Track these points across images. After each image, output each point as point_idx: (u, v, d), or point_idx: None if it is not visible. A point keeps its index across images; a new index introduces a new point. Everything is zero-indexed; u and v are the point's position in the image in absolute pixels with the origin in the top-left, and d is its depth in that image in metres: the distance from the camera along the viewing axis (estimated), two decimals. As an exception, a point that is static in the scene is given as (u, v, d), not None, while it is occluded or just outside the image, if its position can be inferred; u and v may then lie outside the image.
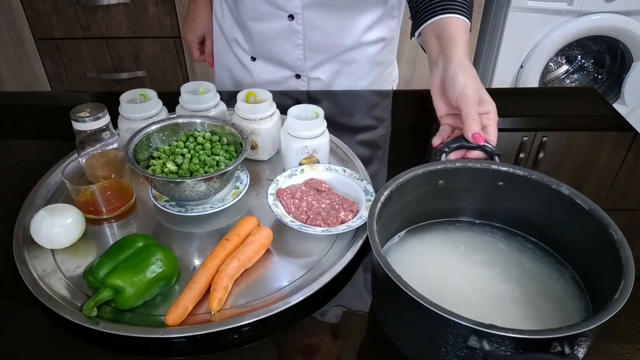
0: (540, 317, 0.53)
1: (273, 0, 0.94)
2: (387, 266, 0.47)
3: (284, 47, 1.00)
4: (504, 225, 0.64)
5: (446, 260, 0.61)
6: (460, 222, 0.65)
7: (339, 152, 0.85)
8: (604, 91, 2.20)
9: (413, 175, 0.59)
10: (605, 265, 0.52)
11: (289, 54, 1.01)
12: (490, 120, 0.67)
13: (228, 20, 1.06)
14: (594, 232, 0.53)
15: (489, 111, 0.67)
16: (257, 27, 1.00)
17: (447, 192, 0.63)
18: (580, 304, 0.54)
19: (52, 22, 1.91)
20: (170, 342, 0.56)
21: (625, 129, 0.96)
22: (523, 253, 0.61)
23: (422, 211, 0.64)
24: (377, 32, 1.01)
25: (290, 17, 0.95)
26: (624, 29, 1.93)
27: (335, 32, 0.98)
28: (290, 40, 0.99)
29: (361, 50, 1.02)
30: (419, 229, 0.64)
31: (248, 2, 0.97)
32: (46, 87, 2.07)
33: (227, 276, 0.60)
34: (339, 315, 0.60)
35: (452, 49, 0.70)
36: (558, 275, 0.58)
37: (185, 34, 1.17)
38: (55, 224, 0.64)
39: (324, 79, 1.05)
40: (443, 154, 0.64)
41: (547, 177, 0.59)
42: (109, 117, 0.76)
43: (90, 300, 0.56)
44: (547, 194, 0.58)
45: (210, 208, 0.72)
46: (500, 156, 0.63)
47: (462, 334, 0.43)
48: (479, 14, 1.92)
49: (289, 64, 1.04)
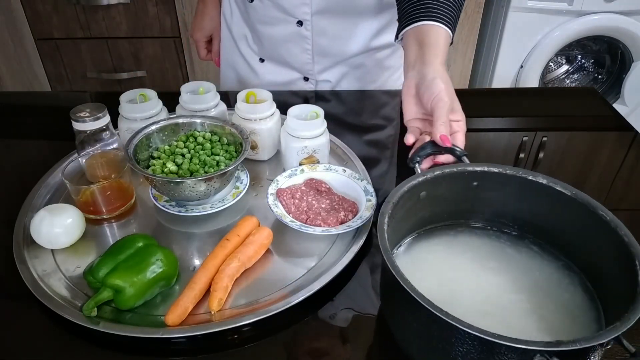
0: (551, 321, 0.53)
1: (282, 7, 0.94)
2: (404, 279, 0.46)
3: (293, 51, 1.01)
4: (511, 230, 0.64)
5: (454, 265, 0.60)
6: (469, 226, 0.65)
7: (339, 152, 0.85)
8: (604, 91, 2.20)
9: (412, 185, 0.58)
10: (615, 268, 0.51)
11: (297, 58, 1.02)
12: (460, 127, 0.69)
13: (237, 20, 1.06)
14: (603, 235, 0.53)
15: (459, 120, 0.70)
16: (266, 31, 1.01)
17: (453, 196, 0.62)
18: (590, 309, 0.54)
19: (52, 22, 1.91)
20: (170, 342, 0.56)
21: (625, 129, 0.96)
22: (531, 257, 0.60)
23: (428, 216, 0.63)
24: (386, 37, 1.02)
25: (299, 23, 0.96)
26: (624, 29, 1.93)
27: (343, 38, 0.99)
28: (299, 45, 1.00)
29: (370, 55, 1.03)
30: (424, 233, 0.64)
31: (258, 7, 0.97)
32: (46, 87, 2.07)
33: (227, 276, 0.60)
34: (339, 316, 0.60)
35: (432, 55, 0.71)
36: (565, 277, 0.58)
37: (193, 32, 1.17)
38: (55, 224, 0.64)
39: (332, 81, 1.06)
40: (416, 164, 0.64)
41: (552, 178, 0.58)
42: (109, 117, 0.76)
43: (90, 300, 0.56)
44: (551, 196, 0.58)
45: (210, 208, 0.72)
46: (467, 156, 0.64)
47: (481, 348, 0.43)
48: (478, 14, 1.93)
49: (297, 67, 1.04)
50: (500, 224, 0.64)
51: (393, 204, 0.55)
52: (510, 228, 0.63)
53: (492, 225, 0.64)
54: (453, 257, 0.61)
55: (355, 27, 0.98)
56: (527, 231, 0.63)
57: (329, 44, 0.99)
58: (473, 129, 1.00)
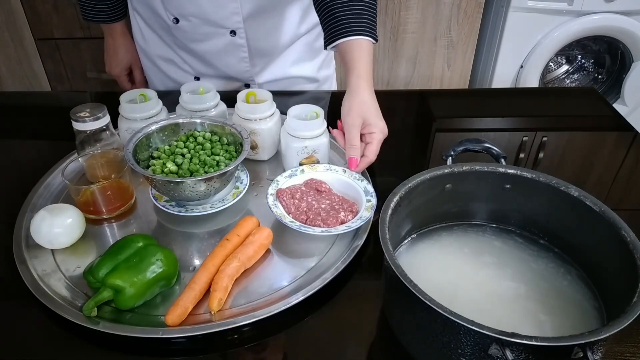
0: (553, 321, 0.53)
1: (213, 21, 0.93)
2: (404, 275, 0.47)
3: (230, 61, 1.00)
4: (513, 228, 0.64)
5: (456, 263, 0.60)
6: (469, 225, 0.65)
7: (339, 152, 0.85)
8: (604, 91, 2.20)
9: (421, 180, 0.59)
10: (617, 267, 0.52)
11: (235, 67, 1.01)
12: (373, 139, 0.74)
13: (156, 46, 1.04)
14: (605, 234, 0.53)
15: (373, 132, 0.74)
16: (199, 48, 0.99)
17: (455, 196, 0.63)
18: (593, 307, 0.54)
19: (52, 22, 1.91)
20: (170, 342, 0.56)
21: (625, 129, 0.96)
22: (533, 256, 0.61)
23: (431, 215, 0.64)
24: (310, 20, 1.02)
25: (232, 32, 0.95)
26: (624, 29, 1.93)
27: (275, 34, 0.99)
28: (235, 55, 0.99)
29: (300, 41, 1.04)
30: (427, 232, 0.64)
31: (186, 27, 0.95)
32: (46, 87, 2.07)
33: (227, 276, 0.60)
34: (339, 316, 0.60)
35: (349, 75, 0.77)
36: (569, 277, 0.58)
37: (110, 69, 1.13)
38: (55, 224, 0.64)
39: (271, 80, 1.05)
40: (449, 157, 0.65)
41: (556, 178, 0.58)
42: (109, 117, 0.76)
43: (90, 300, 0.56)
44: (556, 196, 0.58)
45: (210, 208, 0.72)
46: (506, 158, 0.65)
47: (483, 342, 0.43)
48: (479, 14, 1.92)
49: (237, 76, 1.03)
50: (498, 223, 0.64)
51: (410, 188, 0.57)
52: (514, 228, 0.64)
53: (490, 223, 0.64)
54: (453, 257, 0.61)
55: (282, 19, 0.97)
56: (527, 230, 0.63)
57: (263, 44, 0.99)
58: (473, 129, 1.00)
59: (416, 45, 1.97)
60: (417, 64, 2.02)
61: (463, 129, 1.01)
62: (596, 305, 0.54)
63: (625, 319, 0.43)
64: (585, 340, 0.41)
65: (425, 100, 1.07)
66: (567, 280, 0.58)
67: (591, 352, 0.42)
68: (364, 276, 0.65)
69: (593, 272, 0.57)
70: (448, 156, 0.65)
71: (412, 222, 0.62)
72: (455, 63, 2.04)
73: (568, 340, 0.41)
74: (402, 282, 0.46)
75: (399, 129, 0.98)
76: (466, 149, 0.66)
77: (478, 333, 0.42)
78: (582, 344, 0.42)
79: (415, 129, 1.00)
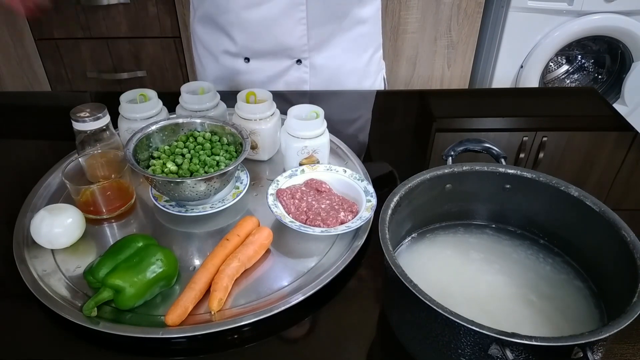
0: (553, 321, 0.53)
1: None
2: (404, 275, 0.46)
3: (286, 26, 0.97)
4: (513, 228, 0.64)
5: (456, 263, 0.60)
6: (469, 225, 0.65)
7: (339, 152, 0.85)
8: (604, 91, 2.20)
9: (421, 180, 0.59)
10: (617, 267, 0.52)
11: (291, 34, 0.98)
12: None
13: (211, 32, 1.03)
14: (605, 234, 0.53)
15: None
16: (254, 15, 0.96)
17: (455, 196, 0.63)
18: (593, 307, 0.54)
19: (52, 22, 1.91)
20: (170, 342, 0.56)
21: (625, 129, 0.96)
22: (533, 256, 0.61)
23: (431, 215, 0.64)
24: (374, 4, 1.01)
25: None
26: (624, 29, 1.93)
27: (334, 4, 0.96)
28: (292, 16, 0.95)
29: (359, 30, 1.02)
30: (427, 232, 0.64)
31: None
32: (46, 87, 2.07)
33: (227, 276, 0.60)
34: (339, 316, 0.60)
35: None
36: (569, 277, 0.58)
37: None
38: (55, 224, 0.64)
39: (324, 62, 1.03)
40: (449, 157, 0.64)
41: (556, 178, 0.58)
42: (109, 117, 0.76)
43: (90, 300, 0.56)
44: (556, 196, 0.58)
45: (210, 208, 0.72)
46: (506, 158, 0.65)
47: (483, 342, 0.43)
48: (478, 14, 1.92)
49: (290, 46, 1.00)
50: (498, 223, 0.64)
51: (410, 188, 0.56)
52: (514, 227, 0.64)
53: (490, 223, 0.64)
54: (453, 257, 0.61)
55: None
56: (527, 230, 0.63)
57: (322, 6, 0.96)
58: (473, 129, 1.00)
59: (416, 45, 1.97)
60: (417, 64, 2.02)
61: (463, 129, 1.01)
62: (596, 305, 0.54)
63: (625, 319, 0.43)
64: (585, 340, 0.41)
65: (425, 100, 1.07)
66: (567, 280, 0.58)
67: (591, 352, 0.42)
68: (364, 276, 0.65)
69: (593, 272, 0.57)
70: (448, 156, 0.65)
71: (412, 222, 0.62)
72: (455, 63, 2.04)
73: (568, 340, 0.41)
74: (402, 282, 0.46)
75: (399, 129, 0.98)
76: (466, 149, 0.66)
77: (478, 333, 0.42)
78: (582, 344, 0.42)
79: (415, 129, 1.00)
